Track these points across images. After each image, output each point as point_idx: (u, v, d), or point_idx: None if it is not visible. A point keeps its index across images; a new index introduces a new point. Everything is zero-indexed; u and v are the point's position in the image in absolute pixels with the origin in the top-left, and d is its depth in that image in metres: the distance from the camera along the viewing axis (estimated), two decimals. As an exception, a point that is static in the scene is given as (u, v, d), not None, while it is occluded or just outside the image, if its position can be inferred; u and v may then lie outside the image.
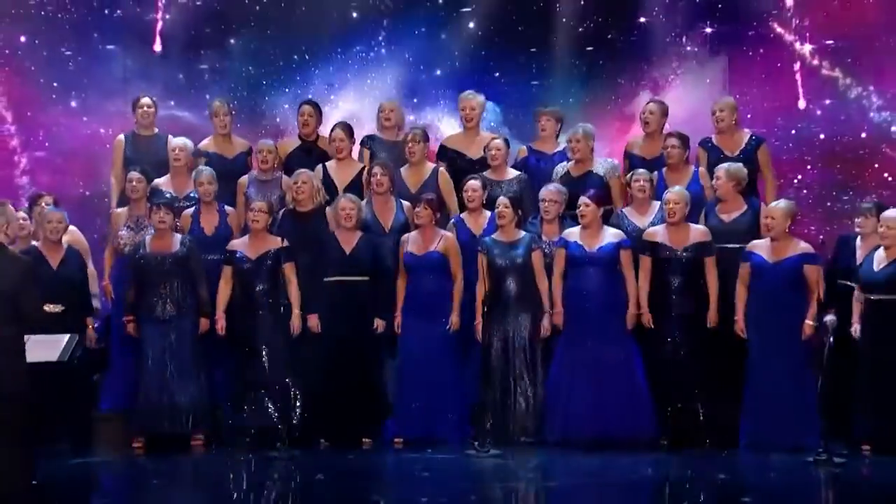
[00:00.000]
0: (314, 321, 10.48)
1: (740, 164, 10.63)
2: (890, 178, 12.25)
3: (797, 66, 12.52)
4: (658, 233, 10.43)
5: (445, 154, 11.43)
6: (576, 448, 10.16)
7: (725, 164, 10.63)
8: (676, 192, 10.43)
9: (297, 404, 10.50)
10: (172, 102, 12.48)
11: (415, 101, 12.64)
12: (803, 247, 10.30)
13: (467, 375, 10.59)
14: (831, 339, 10.12)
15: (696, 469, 9.74)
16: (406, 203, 10.79)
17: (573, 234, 10.46)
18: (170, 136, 11.37)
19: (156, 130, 11.54)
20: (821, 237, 10.84)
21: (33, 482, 8.38)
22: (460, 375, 10.61)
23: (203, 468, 10.24)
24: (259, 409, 10.45)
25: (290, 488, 9.51)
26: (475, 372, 10.54)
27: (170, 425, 10.45)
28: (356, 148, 11.42)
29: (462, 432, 10.46)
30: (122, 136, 11.51)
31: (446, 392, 10.55)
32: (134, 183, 10.86)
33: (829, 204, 12.09)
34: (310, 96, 12.08)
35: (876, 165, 12.32)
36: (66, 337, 8.92)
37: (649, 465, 9.95)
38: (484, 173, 10.94)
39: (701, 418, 10.33)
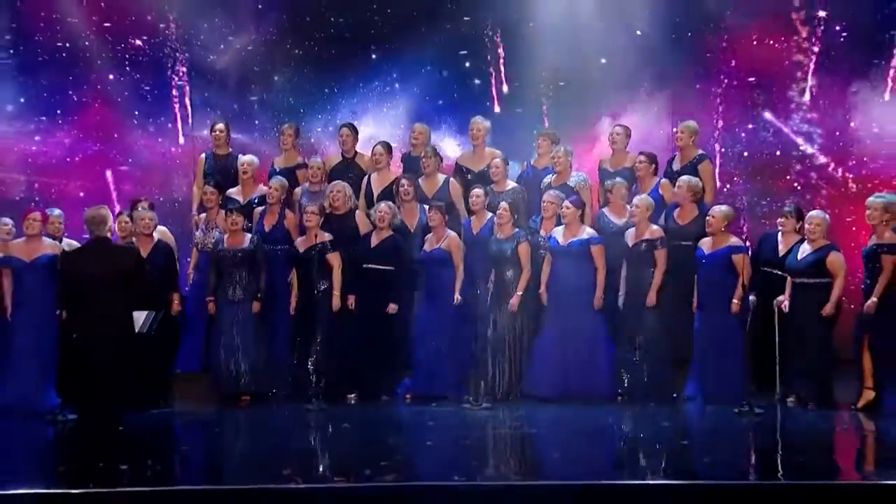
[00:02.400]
0: (351, 300, 10.51)
1: (698, 180, 10.64)
2: (799, 187, 12.26)
3: (726, 97, 12.53)
4: (628, 234, 10.48)
5: (460, 169, 11.41)
6: (551, 402, 10.21)
7: (686, 177, 10.65)
8: (640, 198, 10.46)
9: (327, 368, 10.50)
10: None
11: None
12: (732, 240, 10.33)
13: (464, 345, 10.58)
14: (750, 314, 10.28)
15: (646, 418, 9.81)
16: (426, 207, 10.77)
17: (557, 231, 10.51)
18: (239, 155, 11.38)
19: (230, 150, 11.53)
20: (744, 236, 10.90)
21: (119, 428, 8.50)
22: (459, 345, 10.59)
23: (254, 419, 10.26)
24: (298, 371, 10.50)
25: (322, 434, 9.58)
26: (470, 342, 10.56)
27: (234, 385, 10.52)
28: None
29: (460, 390, 10.48)
30: (203, 155, 11.55)
31: (448, 358, 10.55)
32: (208, 195, 10.95)
33: (751, 207, 12.09)
34: (338, 121, 12.09)
35: (788, 177, 12.32)
36: (145, 314, 9.03)
37: (609, 416, 10.00)
38: (490, 185, 10.93)
39: (645, 378, 10.38)
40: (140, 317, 8.96)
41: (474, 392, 10.35)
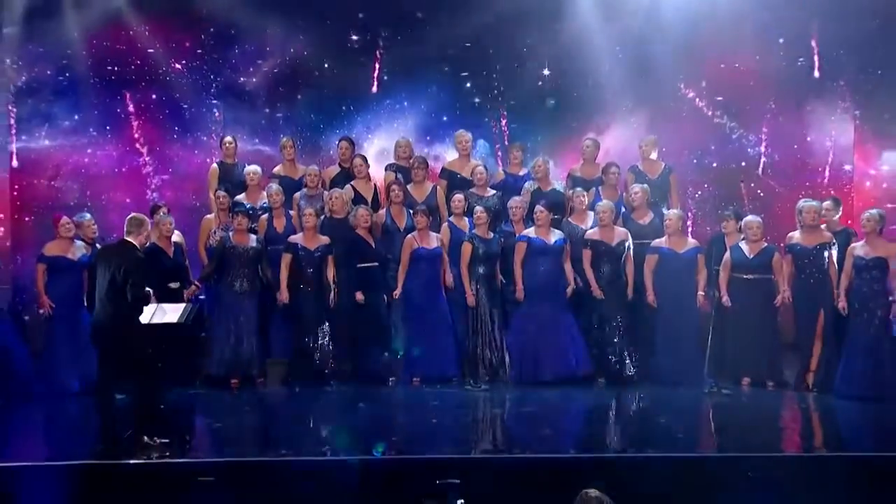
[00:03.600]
0: (360, 296, 10.43)
1: (647, 186, 10.76)
2: (761, 193, 12.31)
3: (698, 114, 12.54)
4: (595, 233, 10.48)
5: (446, 173, 11.37)
6: (538, 384, 10.20)
7: (643, 185, 10.76)
8: (605, 204, 10.49)
9: (339, 353, 10.49)
10: (257, 140, 12.51)
11: (428, 138, 12.65)
12: (694, 242, 10.49)
13: (463, 333, 10.54)
14: (717, 306, 10.30)
15: (625, 399, 9.83)
16: (410, 210, 10.81)
17: (530, 232, 10.48)
18: (246, 164, 11.38)
19: (236, 160, 11.50)
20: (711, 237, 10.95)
21: (161, 406, 8.51)
22: (456, 331, 10.56)
23: (272, 399, 10.25)
24: (313, 356, 10.44)
25: (339, 413, 9.56)
26: (465, 329, 10.54)
27: (239, 369, 10.42)
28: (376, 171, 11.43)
29: (461, 373, 10.46)
30: (214, 165, 11.52)
31: (448, 344, 10.51)
32: (220, 199, 10.89)
33: (718, 211, 12.02)
34: (353, 135, 12.08)
35: (751, 185, 12.35)
36: (184, 306, 9.04)
37: (591, 396, 10.01)
38: (471, 190, 10.95)
39: (626, 362, 10.33)
40: (178, 309, 8.98)
41: (473, 375, 10.37)
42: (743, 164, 12.47)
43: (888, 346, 9.66)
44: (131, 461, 7.56)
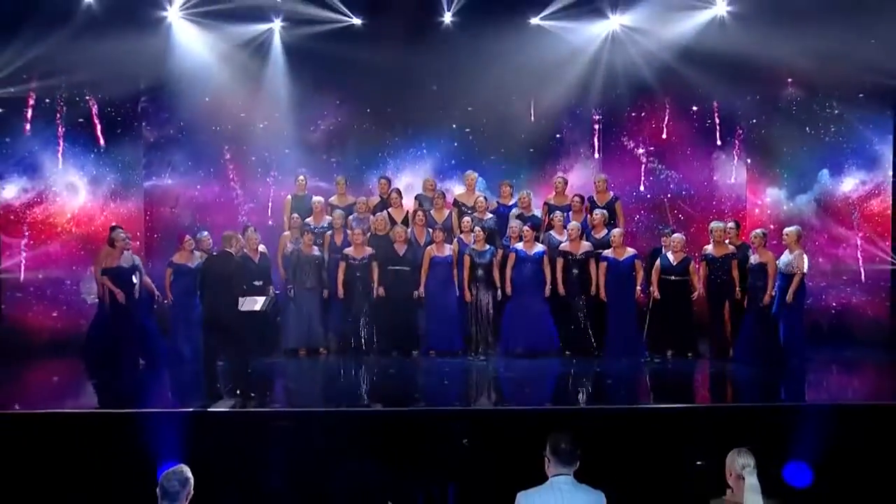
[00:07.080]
0: (381, 290, 10.52)
1: (605, 211, 10.81)
2: (682, 217, 12.34)
3: (635, 159, 12.59)
4: (566, 246, 10.56)
5: (456, 203, 11.44)
6: (520, 356, 10.24)
7: (601, 211, 10.82)
8: (574, 224, 10.59)
9: (375, 333, 10.56)
10: (317, 178, 12.56)
11: (440, 176, 12.69)
12: (632, 251, 10.47)
13: (465, 319, 10.60)
14: (652, 298, 10.35)
15: (583, 367, 9.87)
16: (430, 229, 10.90)
17: (518, 246, 10.57)
18: (312, 196, 11.50)
19: (306, 192, 11.62)
20: (646, 248, 10.96)
21: (248, 370, 8.62)
22: (462, 318, 10.60)
23: (329, 365, 10.30)
24: (358, 335, 10.53)
25: (374, 376, 9.62)
26: (467, 316, 10.56)
27: (313, 342, 10.61)
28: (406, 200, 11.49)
29: (465, 348, 10.52)
30: (289, 196, 11.60)
31: (456, 327, 10.56)
32: (294, 221, 11.00)
33: (651, 231, 12.19)
34: (388, 174, 12.21)
35: (675, 211, 12.39)
36: (264, 298, 9.12)
37: (558, 365, 10.05)
38: (474, 214, 11.05)
39: (588, 339, 10.41)
40: (260, 300, 9.05)
41: (474, 349, 10.45)
42: (668, 195, 12.52)
43: (770, 325, 9.74)
44: (227, 410, 7.68)
